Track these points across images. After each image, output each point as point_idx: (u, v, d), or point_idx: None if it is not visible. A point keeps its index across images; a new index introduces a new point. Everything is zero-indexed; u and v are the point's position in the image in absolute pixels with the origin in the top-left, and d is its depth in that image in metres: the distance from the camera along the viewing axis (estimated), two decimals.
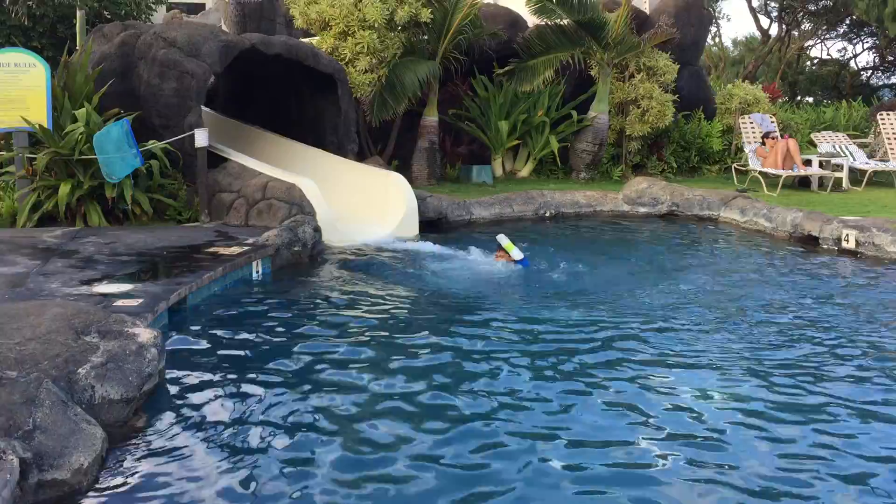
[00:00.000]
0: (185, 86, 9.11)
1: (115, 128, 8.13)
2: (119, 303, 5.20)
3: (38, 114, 8.46)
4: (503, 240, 7.74)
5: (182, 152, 9.02)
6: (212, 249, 7.16)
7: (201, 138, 8.74)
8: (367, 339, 5.36)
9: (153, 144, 8.78)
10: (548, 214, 10.86)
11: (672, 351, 5.18)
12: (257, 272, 7.06)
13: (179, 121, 9.07)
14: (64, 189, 8.28)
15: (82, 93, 8.92)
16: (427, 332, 5.51)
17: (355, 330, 5.58)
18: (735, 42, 34.06)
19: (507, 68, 12.94)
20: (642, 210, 11.13)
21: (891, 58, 27.17)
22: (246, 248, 7.20)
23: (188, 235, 7.88)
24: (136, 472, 3.44)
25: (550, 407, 4.21)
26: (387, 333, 5.49)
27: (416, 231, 9.23)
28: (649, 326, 5.72)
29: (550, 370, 4.74)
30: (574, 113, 13.07)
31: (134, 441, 3.73)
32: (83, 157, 8.33)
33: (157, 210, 8.94)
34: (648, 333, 5.55)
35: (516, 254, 7.58)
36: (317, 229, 8.00)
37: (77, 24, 10.93)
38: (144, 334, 4.24)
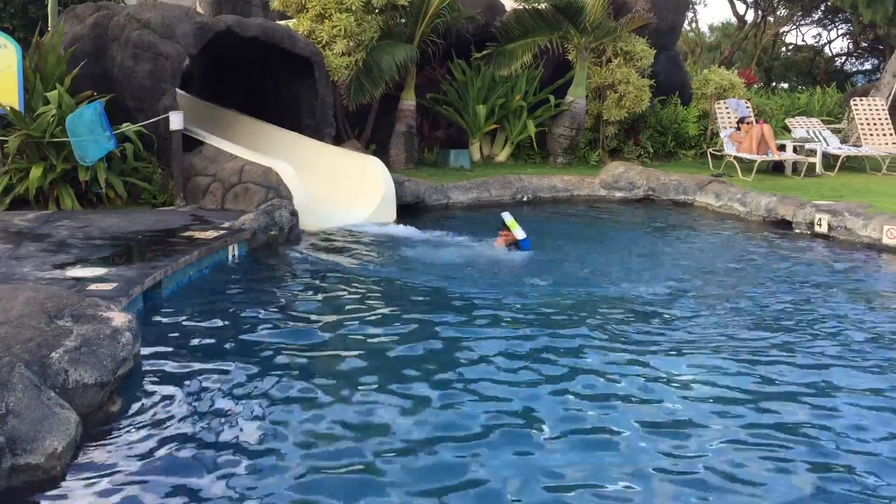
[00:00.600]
0: (160, 68, 9.00)
1: (88, 110, 8.02)
2: (93, 287, 5.16)
3: (10, 96, 8.33)
4: (507, 217, 7.71)
5: (157, 135, 8.93)
6: (187, 233, 7.10)
7: (176, 121, 8.66)
8: (344, 323, 5.36)
9: (127, 127, 8.67)
10: (525, 199, 10.89)
11: (648, 335, 5.23)
12: (233, 256, 7.03)
13: (154, 103, 8.97)
14: (36, 172, 8.17)
15: (54, 74, 8.79)
16: (403, 316, 5.52)
17: (332, 314, 5.58)
18: (712, 28, 34.20)
19: (484, 52, 12.90)
20: (619, 195, 11.19)
21: (864, 44, 27.41)
22: (222, 232, 7.16)
23: (163, 219, 7.81)
24: (111, 457, 3.43)
25: (527, 393, 4.23)
26: (363, 317, 5.50)
27: (394, 215, 9.22)
28: (626, 311, 5.77)
29: (523, 357, 4.73)
30: (552, 97, 13.07)
31: (108, 425, 3.71)
32: (55, 139, 8.22)
33: (131, 194, 8.85)
34: (625, 317, 5.60)
35: (519, 233, 7.56)
36: (293, 213, 7.96)
37: (49, 5, 10.77)
38: (119, 318, 4.21)
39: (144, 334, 4.74)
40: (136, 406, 3.93)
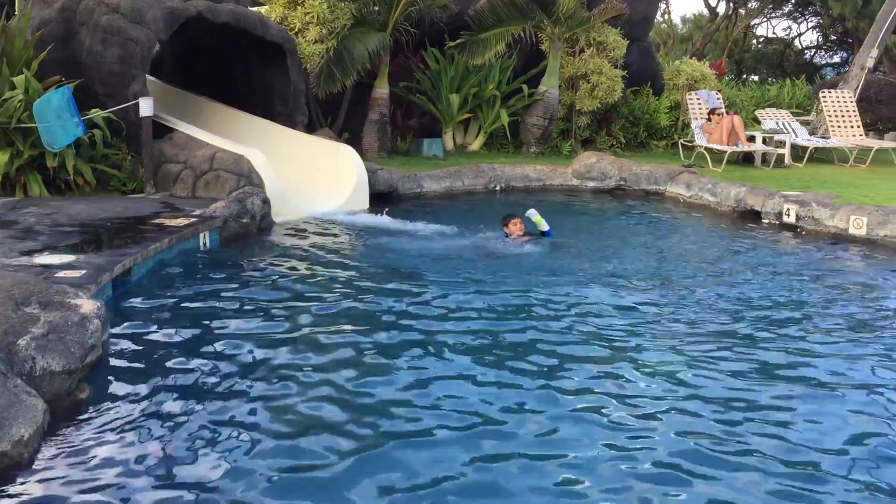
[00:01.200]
0: (129, 53, 8.89)
1: (56, 95, 7.90)
2: (61, 274, 5.10)
3: None
4: (534, 214, 7.71)
5: (126, 122, 8.82)
6: (157, 221, 7.05)
7: (146, 107, 8.56)
8: (315, 312, 5.35)
9: (96, 113, 8.56)
10: (498, 188, 10.92)
11: (618, 325, 5.28)
12: (204, 244, 6.98)
13: (123, 89, 8.87)
14: (2, 158, 8.04)
15: (21, 59, 8.65)
16: (374, 305, 5.52)
17: (302, 302, 5.57)
18: (684, 19, 34.41)
19: (458, 41, 12.89)
20: (591, 184, 11.26)
21: (833, 37, 27.76)
22: (193, 219, 7.11)
23: (133, 206, 7.73)
24: (79, 444, 3.41)
25: (492, 393, 4.21)
26: (335, 305, 5.50)
27: (367, 204, 9.21)
28: (595, 300, 5.82)
29: (484, 350, 4.72)
30: (525, 87, 13.10)
31: (76, 413, 3.68)
32: (22, 125, 8.10)
33: (100, 181, 8.75)
34: (593, 307, 5.65)
35: (545, 226, 7.67)
36: (265, 201, 7.92)
37: None
38: (87, 305, 4.17)
39: (113, 322, 4.71)
40: (104, 393, 3.90)
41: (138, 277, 5.82)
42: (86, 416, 3.67)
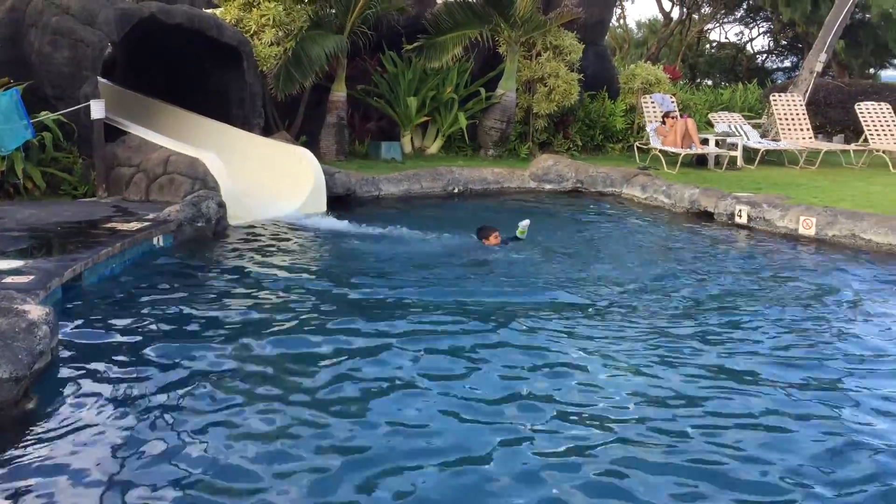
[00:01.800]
0: (80, 55, 8.74)
1: (4, 98, 7.73)
2: (8, 279, 4.99)
3: None
4: (526, 226, 7.69)
5: (77, 124, 8.67)
6: (110, 225, 6.93)
7: (97, 110, 8.42)
8: (271, 315, 5.31)
9: (45, 116, 8.39)
10: (456, 191, 10.94)
11: (574, 325, 5.33)
12: (158, 248, 6.88)
13: (74, 91, 8.71)
14: None
15: None
16: (330, 310, 5.50)
17: (258, 305, 5.52)
18: (639, 24, 34.85)
19: (415, 44, 12.90)
20: (548, 187, 11.34)
21: (784, 42, 28.34)
22: (146, 223, 7.01)
23: (84, 211, 7.60)
24: (26, 452, 3.34)
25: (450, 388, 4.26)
26: (290, 310, 5.45)
27: (324, 207, 9.16)
28: (551, 300, 5.86)
29: (441, 352, 4.71)
30: (482, 90, 13.16)
31: (24, 420, 3.61)
32: None
33: (50, 185, 8.57)
34: (549, 307, 5.69)
35: (523, 224, 7.69)
36: (221, 205, 7.84)
37: None
38: (35, 311, 4.09)
39: (63, 328, 4.63)
40: (52, 400, 3.82)
41: (90, 283, 5.72)
42: (33, 424, 3.59)
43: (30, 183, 8.31)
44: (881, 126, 14.06)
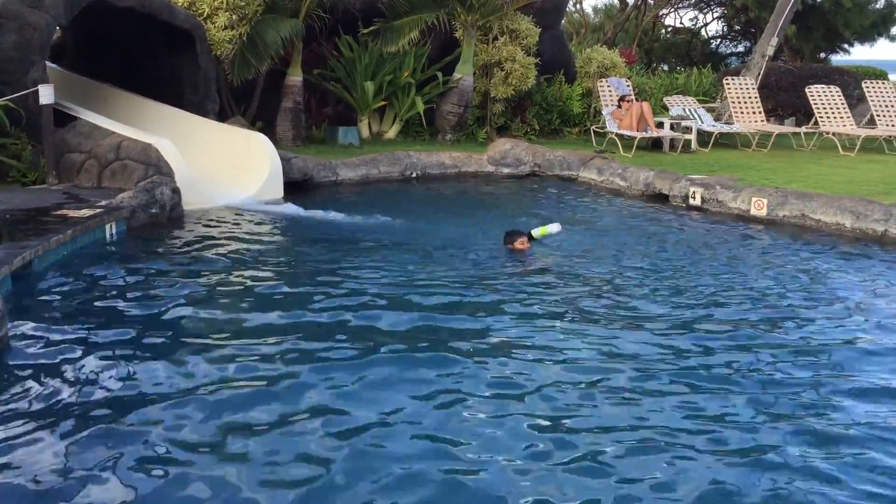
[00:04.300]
0: (27, 39, 8.53)
1: None
2: None
3: None
4: (552, 227, 7.09)
5: (26, 110, 8.47)
6: (60, 212, 6.81)
7: (46, 95, 8.24)
8: (225, 302, 5.29)
9: None
10: (414, 175, 10.94)
11: (528, 306, 5.39)
12: (111, 235, 6.79)
13: (22, 76, 8.51)
14: None
15: None
16: (288, 294, 5.49)
17: (213, 294, 5.49)
18: (596, 9, 35.03)
19: (372, 28, 12.80)
20: (506, 170, 11.40)
21: (737, 27, 28.69)
22: (98, 210, 6.90)
23: (34, 198, 7.46)
24: None
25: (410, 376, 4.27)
26: (245, 295, 5.43)
27: (281, 193, 9.09)
28: (505, 282, 5.92)
29: (403, 336, 4.77)
30: (440, 75, 13.13)
31: None
32: None
33: None
34: (504, 288, 5.74)
35: (552, 227, 7.11)
36: (175, 191, 7.74)
37: None
38: None
39: (13, 317, 4.55)
40: (3, 389, 3.76)
41: (40, 270, 5.62)
42: None
43: None
44: (831, 109, 14.34)
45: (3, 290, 4.90)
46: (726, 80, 15.20)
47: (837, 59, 25.65)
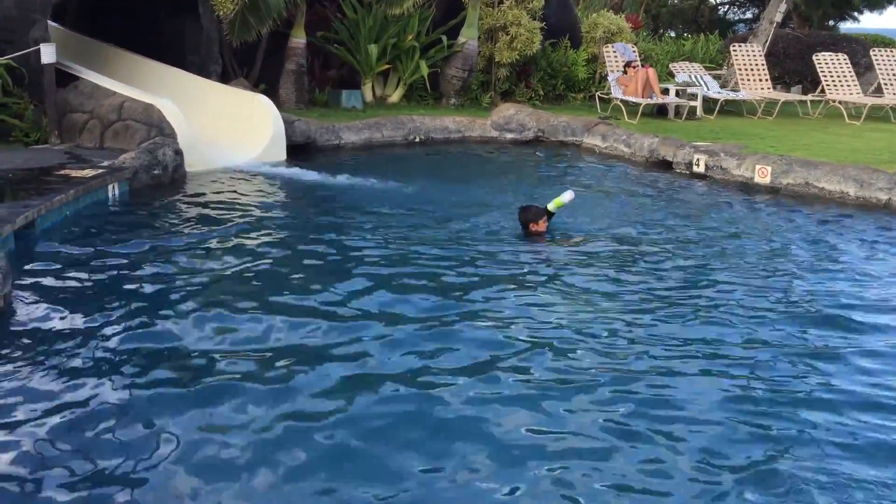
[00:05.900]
0: None
1: None
2: None
3: None
4: (565, 196, 6.30)
5: (28, 69, 8.43)
6: (63, 172, 6.81)
7: (48, 54, 8.19)
8: (228, 263, 5.29)
9: None
10: (417, 139, 10.90)
11: (529, 272, 5.41)
12: (114, 196, 6.79)
13: (23, 35, 8.45)
14: None
15: None
16: (287, 257, 5.50)
17: (215, 256, 5.49)
18: None
19: None
20: (510, 136, 11.35)
21: None
22: (100, 170, 6.90)
23: (36, 158, 7.45)
24: None
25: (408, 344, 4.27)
26: (246, 258, 5.44)
27: (284, 155, 9.07)
28: (489, 243, 5.93)
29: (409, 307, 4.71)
30: (444, 38, 13.00)
31: None
32: None
33: (1, 131, 8.35)
34: (508, 254, 5.76)
35: (565, 196, 6.31)
36: (178, 152, 7.73)
37: None
38: None
39: (16, 275, 4.57)
40: (6, 348, 3.79)
41: (43, 229, 5.64)
42: None
43: None
44: (838, 77, 14.22)
45: (7, 249, 4.92)
46: (733, 46, 15.05)
47: (846, 26, 25.34)
